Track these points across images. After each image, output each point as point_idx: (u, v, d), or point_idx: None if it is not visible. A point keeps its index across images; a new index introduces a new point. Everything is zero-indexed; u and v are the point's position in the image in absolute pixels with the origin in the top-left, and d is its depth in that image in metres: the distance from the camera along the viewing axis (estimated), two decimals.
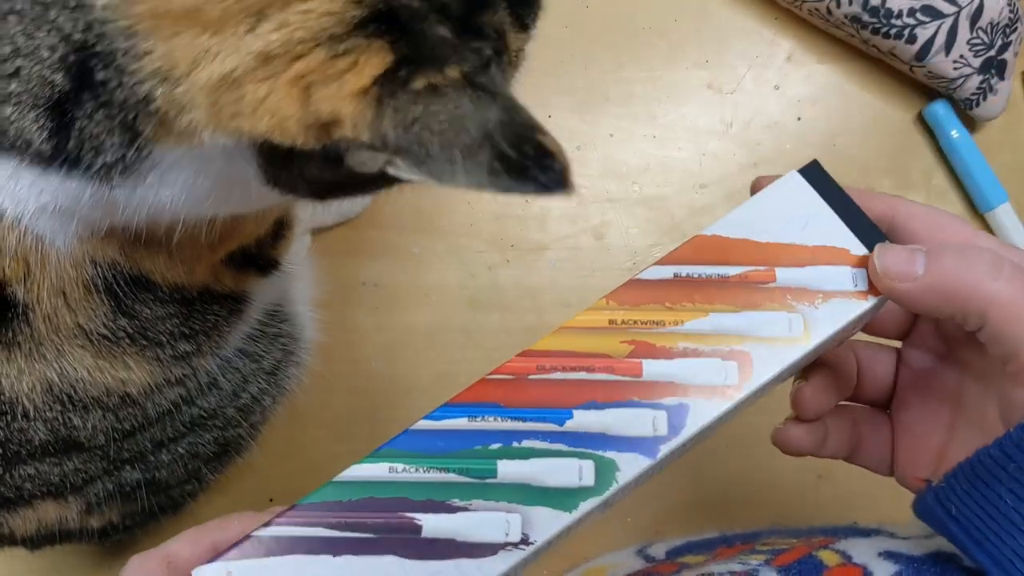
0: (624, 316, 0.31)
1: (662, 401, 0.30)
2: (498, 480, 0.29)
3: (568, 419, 0.30)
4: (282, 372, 0.51)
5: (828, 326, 0.31)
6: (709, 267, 0.32)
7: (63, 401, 0.37)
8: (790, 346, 0.31)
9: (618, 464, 0.29)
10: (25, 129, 0.27)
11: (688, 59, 0.68)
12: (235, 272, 0.42)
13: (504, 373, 0.31)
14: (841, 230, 0.32)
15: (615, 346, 0.31)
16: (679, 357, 0.31)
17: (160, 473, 0.45)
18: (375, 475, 0.30)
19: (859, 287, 0.32)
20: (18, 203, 0.31)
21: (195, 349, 0.41)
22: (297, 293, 0.53)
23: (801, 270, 0.32)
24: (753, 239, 0.32)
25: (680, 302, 0.31)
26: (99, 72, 0.26)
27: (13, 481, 0.40)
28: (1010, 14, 0.64)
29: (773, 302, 0.31)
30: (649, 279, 0.32)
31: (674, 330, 0.31)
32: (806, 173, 0.33)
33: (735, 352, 0.31)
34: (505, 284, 0.64)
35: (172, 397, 0.42)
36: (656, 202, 0.66)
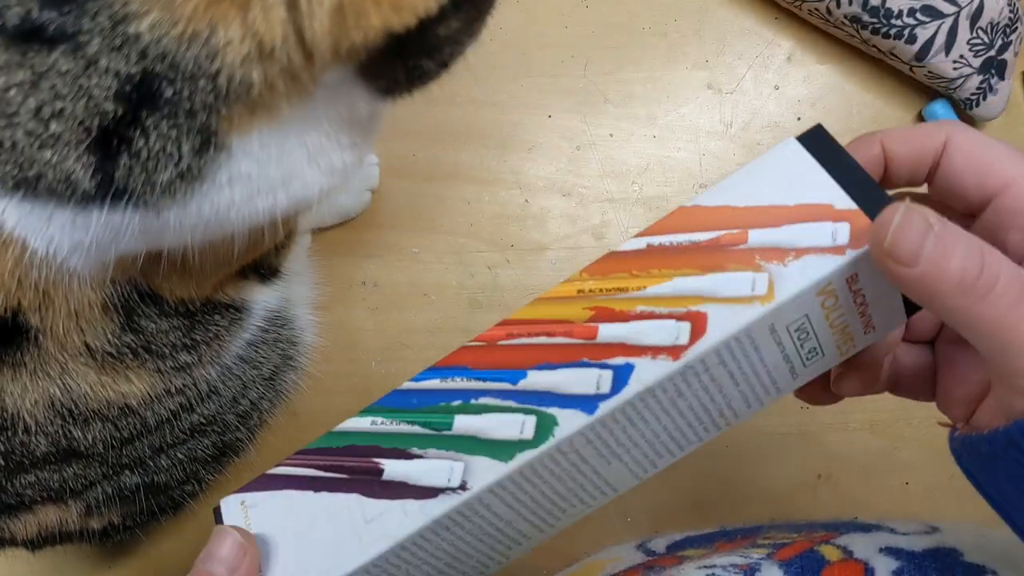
0: (592, 286, 0.32)
1: (609, 361, 0.30)
2: (452, 432, 0.31)
3: (522, 379, 0.31)
4: (281, 378, 0.51)
5: (796, 284, 0.29)
6: (682, 235, 0.31)
7: (64, 416, 0.37)
8: (748, 306, 0.29)
9: (558, 420, 0.30)
10: (66, 170, 0.27)
11: (688, 59, 0.68)
12: (236, 282, 0.42)
13: (480, 340, 0.33)
14: (828, 186, 0.30)
15: (577, 312, 0.31)
16: (634, 320, 0.30)
17: (159, 477, 0.45)
18: (360, 427, 0.33)
19: (838, 241, 0.29)
20: (51, 243, 0.30)
21: (196, 360, 0.41)
22: (296, 296, 0.53)
23: (776, 230, 0.30)
24: (732, 205, 0.31)
25: (646, 269, 0.31)
26: (166, 89, 0.26)
27: (14, 489, 0.40)
28: (1010, 14, 0.64)
29: (740, 263, 0.30)
30: (624, 251, 0.32)
31: (635, 295, 0.31)
32: (805, 140, 0.32)
33: (690, 313, 0.30)
34: (505, 284, 0.64)
35: (172, 406, 0.42)
36: (656, 202, 0.66)
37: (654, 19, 0.69)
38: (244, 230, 0.32)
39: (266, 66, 0.27)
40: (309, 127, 0.31)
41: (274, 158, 0.30)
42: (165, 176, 0.28)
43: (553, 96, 0.67)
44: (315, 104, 0.30)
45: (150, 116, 0.26)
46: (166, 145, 0.27)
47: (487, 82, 0.66)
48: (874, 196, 0.30)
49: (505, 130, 0.66)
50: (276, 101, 0.28)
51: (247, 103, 0.27)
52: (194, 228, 0.31)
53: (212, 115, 0.27)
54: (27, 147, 0.26)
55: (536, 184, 0.65)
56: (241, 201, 0.31)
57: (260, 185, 0.31)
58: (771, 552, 0.36)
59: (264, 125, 0.29)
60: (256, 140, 0.29)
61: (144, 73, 0.26)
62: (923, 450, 0.62)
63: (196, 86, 0.26)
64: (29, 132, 0.26)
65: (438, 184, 0.65)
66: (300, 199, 0.33)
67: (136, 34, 0.25)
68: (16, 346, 0.34)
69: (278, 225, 0.33)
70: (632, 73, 0.68)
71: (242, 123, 0.28)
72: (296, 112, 0.29)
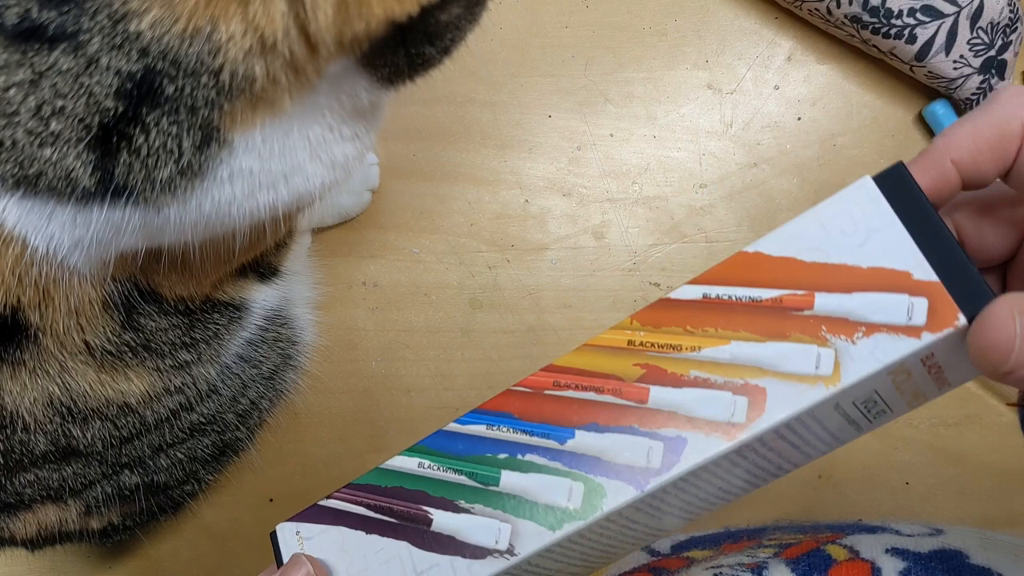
0: (643, 338, 0.30)
1: (661, 431, 0.28)
2: (500, 489, 0.31)
3: (570, 438, 0.30)
4: (280, 377, 0.51)
5: (864, 366, 0.26)
6: (742, 288, 0.29)
7: (63, 414, 0.37)
8: (812, 386, 0.27)
9: (606, 490, 0.29)
10: (66, 168, 0.27)
11: (688, 59, 0.69)
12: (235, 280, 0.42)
13: (525, 386, 0.31)
14: (908, 249, 0.27)
15: (627, 368, 0.30)
16: (688, 386, 0.28)
17: (159, 476, 0.45)
18: (408, 467, 0.33)
19: (914, 320, 0.26)
20: (51, 241, 0.30)
21: (195, 358, 0.41)
22: (296, 295, 0.53)
23: (846, 296, 0.27)
24: (799, 258, 0.28)
25: (702, 326, 0.29)
26: (168, 86, 0.26)
27: (13, 488, 0.40)
28: (1010, 14, 0.64)
29: (804, 332, 0.27)
30: (678, 299, 0.30)
31: (689, 356, 0.29)
32: (882, 180, 0.28)
33: (749, 386, 0.28)
34: (505, 284, 0.64)
35: (171, 405, 0.42)
36: (656, 202, 0.66)
37: (654, 19, 0.69)
38: (245, 226, 0.32)
39: (268, 60, 0.27)
40: (312, 120, 0.31)
41: (276, 153, 0.30)
42: (165, 173, 0.28)
43: (553, 96, 0.67)
44: (318, 96, 0.30)
45: (151, 113, 0.26)
46: (167, 142, 0.27)
47: (487, 82, 0.66)
48: (959, 269, 0.26)
49: (505, 130, 0.66)
50: (279, 95, 0.28)
51: (250, 98, 0.27)
52: (195, 225, 0.31)
53: (214, 111, 0.27)
54: (27, 145, 0.26)
55: (536, 184, 0.65)
56: (242, 197, 0.31)
57: (262, 180, 0.31)
58: (778, 551, 0.36)
59: (267, 119, 0.29)
60: (259, 135, 0.29)
61: (146, 71, 0.26)
62: (923, 450, 0.62)
63: (198, 82, 0.26)
64: (29, 131, 0.26)
65: (438, 184, 0.65)
66: (302, 194, 0.33)
67: (137, 32, 0.25)
68: (15, 344, 0.34)
69: (279, 221, 0.33)
70: (632, 73, 0.68)
71: (245, 118, 0.28)
72: (299, 105, 0.29)
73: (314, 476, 0.60)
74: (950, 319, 0.26)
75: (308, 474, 0.60)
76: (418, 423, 0.61)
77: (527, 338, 0.63)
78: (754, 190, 0.67)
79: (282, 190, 0.32)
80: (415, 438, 0.62)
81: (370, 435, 0.61)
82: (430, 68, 0.32)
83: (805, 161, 0.67)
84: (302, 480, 0.60)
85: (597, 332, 0.68)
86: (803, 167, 0.67)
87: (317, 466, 0.60)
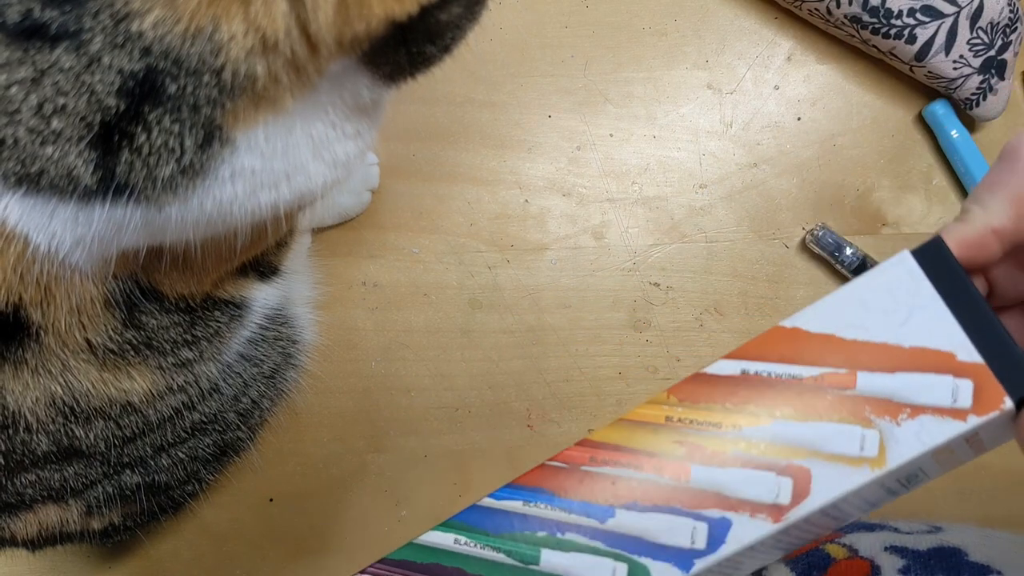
0: (682, 414, 0.29)
1: (705, 512, 0.28)
2: (540, 568, 0.30)
3: (611, 517, 0.29)
4: (281, 376, 0.51)
5: (910, 448, 0.26)
6: (782, 365, 0.28)
7: (65, 413, 0.37)
8: (858, 468, 0.27)
9: (651, 571, 0.28)
10: (68, 166, 0.27)
11: (688, 59, 0.69)
12: (236, 279, 0.42)
13: (561, 460, 0.30)
14: (951, 328, 0.27)
15: (667, 446, 0.29)
16: (730, 466, 0.28)
17: (160, 476, 0.45)
18: (443, 543, 0.31)
19: (959, 403, 0.26)
20: (53, 239, 0.30)
21: (197, 356, 0.41)
22: (297, 295, 0.53)
23: (889, 376, 0.27)
24: (838, 335, 0.28)
25: (742, 404, 0.28)
26: (170, 85, 0.26)
27: (15, 488, 0.40)
28: (1010, 14, 0.64)
29: (848, 413, 0.27)
30: (715, 374, 0.29)
31: (730, 435, 0.28)
32: (921, 255, 0.28)
33: (792, 467, 0.27)
34: (505, 284, 0.64)
35: (174, 404, 0.42)
36: (656, 202, 0.66)
37: (654, 19, 0.69)
38: (247, 225, 0.32)
39: (270, 59, 0.27)
40: (314, 118, 0.31)
41: (279, 151, 0.30)
42: (167, 171, 0.28)
43: (553, 96, 0.67)
44: (319, 94, 0.30)
45: (153, 111, 0.27)
46: (168, 140, 0.27)
47: (487, 82, 0.66)
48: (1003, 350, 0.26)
49: (505, 130, 0.66)
50: (281, 93, 0.28)
51: (252, 96, 0.28)
52: (196, 223, 0.31)
53: (217, 109, 0.27)
54: (29, 143, 0.27)
55: (536, 184, 0.65)
56: (244, 196, 0.31)
57: (264, 179, 0.31)
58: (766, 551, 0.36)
59: (269, 118, 0.29)
60: (261, 133, 0.29)
61: (147, 70, 0.26)
62: None
63: (200, 81, 0.26)
64: (31, 128, 0.26)
65: (438, 184, 0.65)
66: (304, 193, 0.33)
67: (139, 32, 0.25)
68: (17, 342, 0.34)
69: (281, 220, 0.33)
70: (632, 73, 0.68)
71: (247, 116, 0.28)
72: (301, 103, 0.30)
73: (314, 476, 0.60)
74: (996, 402, 0.26)
75: (308, 474, 0.60)
76: (418, 423, 0.61)
77: (527, 338, 0.63)
78: (754, 190, 0.67)
79: (284, 189, 0.32)
80: (415, 438, 0.62)
81: (370, 435, 0.61)
82: (431, 66, 0.32)
83: (805, 161, 0.67)
84: (302, 480, 0.60)
85: (597, 332, 0.68)
86: (803, 167, 0.67)
87: (317, 466, 0.60)
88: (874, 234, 0.67)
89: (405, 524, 0.60)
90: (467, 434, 0.61)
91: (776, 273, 0.65)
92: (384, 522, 0.60)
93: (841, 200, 0.67)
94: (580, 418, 0.62)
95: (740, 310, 0.65)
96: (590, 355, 0.63)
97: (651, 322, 0.64)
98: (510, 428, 0.62)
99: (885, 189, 0.68)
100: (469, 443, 0.61)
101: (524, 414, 0.62)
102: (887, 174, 0.68)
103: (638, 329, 0.64)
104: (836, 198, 0.67)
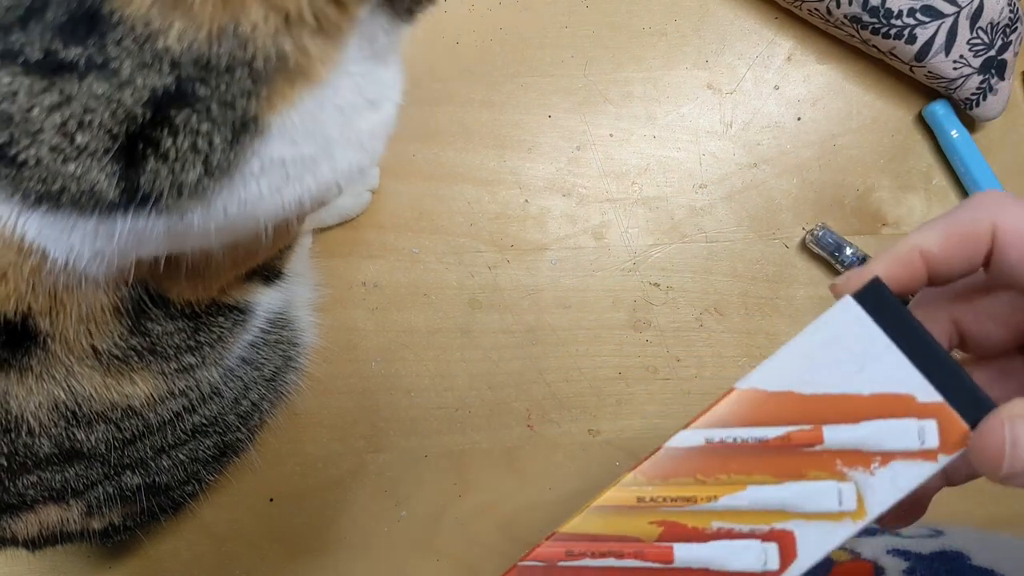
0: (653, 492, 0.28)
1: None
2: None
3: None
4: (281, 378, 0.51)
5: (888, 496, 0.27)
6: (744, 429, 0.28)
7: (68, 418, 0.37)
8: (840, 523, 0.27)
9: None
10: (90, 181, 0.27)
11: (688, 59, 0.69)
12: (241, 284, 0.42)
13: (535, 559, 0.29)
14: (907, 371, 0.27)
15: (644, 528, 0.28)
16: (713, 539, 0.28)
17: (161, 477, 0.45)
18: None
19: (927, 444, 0.27)
20: (71, 252, 0.30)
21: (200, 361, 0.41)
22: (297, 297, 0.53)
23: (854, 427, 0.27)
24: (797, 391, 0.28)
25: (714, 474, 0.28)
26: (200, 88, 0.26)
27: (16, 489, 0.40)
28: (1010, 14, 0.64)
29: (820, 469, 0.27)
30: (679, 447, 0.29)
31: (707, 508, 0.28)
32: (862, 298, 0.28)
33: (775, 532, 0.27)
34: (505, 284, 0.64)
35: (175, 407, 0.42)
36: (656, 202, 0.66)
37: (654, 19, 0.69)
38: (269, 227, 0.32)
39: (294, 33, 0.26)
40: (340, 84, 0.30)
41: (310, 132, 0.30)
42: (193, 175, 0.27)
43: (553, 96, 0.67)
44: (348, 52, 0.30)
45: (179, 114, 0.26)
46: (196, 141, 0.27)
47: (487, 82, 0.66)
48: (960, 386, 0.27)
49: (505, 130, 0.66)
50: (312, 64, 0.28)
51: (286, 76, 0.27)
52: (218, 228, 0.30)
53: (252, 100, 0.27)
54: (51, 162, 0.26)
55: (536, 184, 0.65)
56: (269, 193, 0.30)
57: (290, 172, 0.30)
58: None
59: (304, 93, 0.28)
60: (296, 115, 0.29)
61: (179, 80, 0.26)
62: None
63: (233, 78, 0.26)
64: (53, 147, 0.26)
65: (438, 184, 0.65)
66: (328, 183, 0.32)
67: (165, 48, 0.25)
68: (24, 350, 0.34)
69: (306, 212, 0.32)
70: (632, 73, 0.68)
71: (284, 96, 0.28)
72: (332, 71, 0.29)
73: (313, 476, 0.60)
74: (962, 438, 0.26)
75: (307, 474, 0.60)
76: (418, 423, 0.61)
77: (527, 338, 0.63)
78: (754, 190, 0.67)
79: (309, 181, 0.31)
80: (415, 438, 0.62)
81: (370, 435, 0.61)
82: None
83: (805, 161, 0.67)
84: (302, 480, 0.60)
85: (597, 332, 0.68)
86: (803, 167, 0.67)
87: (316, 466, 0.60)
88: (874, 234, 0.67)
89: (405, 524, 0.60)
90: (467, 434, 0.61)
91: (776, 273, 0.65)
92: (384, 522, 0.60)
93: (841, 200, 0.67)
94: (580, 418, 0.62)
95: (740, 310, 0.65)
96: (590, 355, 0.63)
97: (651, 322, 0.64)
98: (510, 428, 0.62)
99: (885, 189, 0.68)
100: (469, 443, 0.61)
101: (524, 414, 0.62)
102: (887, 174, 0.68)
103: (638, 329, 0.64)
104: (836, 198, 0.67)
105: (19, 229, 0.29)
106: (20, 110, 0.25)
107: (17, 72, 0.25)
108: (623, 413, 0.62)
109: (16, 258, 0.30)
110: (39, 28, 0.24)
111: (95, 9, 0.24)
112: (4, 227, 0.29)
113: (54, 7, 0.24)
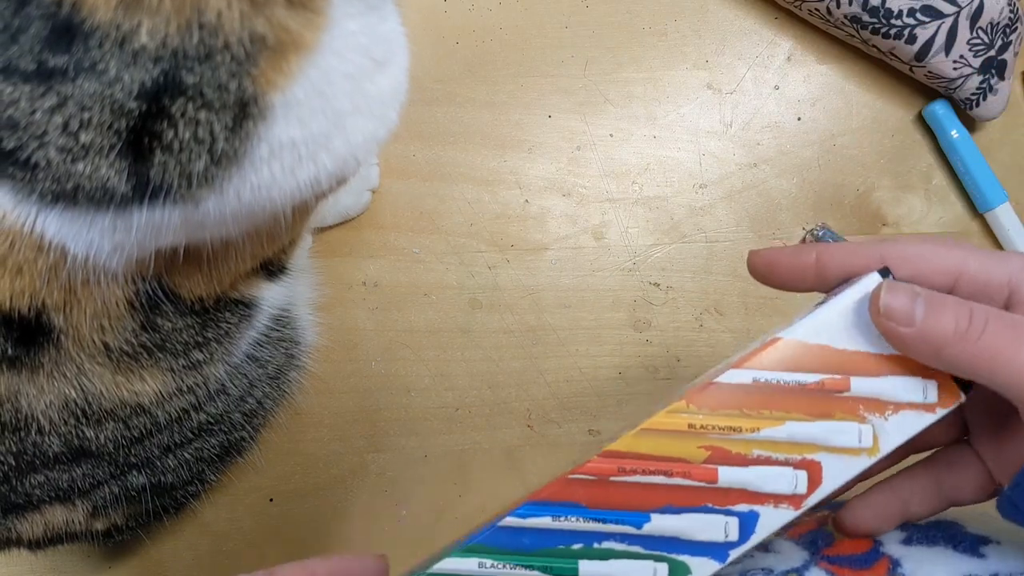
0: (703, 421, 0.32)
1: (734, 508, 0.31)
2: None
3: (646, 522, 0.31)
4: (284, 376, 0.51)
5: (896, 438, 0.32)
6: (787, 373, 0.32)
7: (78, 416, 0.37)
8: (857, 457, 0.32)
9: (690, 567, 0.31)
10: (101, 178, 0.27)
11: (688, 59, 0.69)
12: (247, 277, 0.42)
13: (587, 473, 0.32)
14: None
15: (693, 451, 0.32)
16: (753, 464, 0.32)
17: (166, 477, 0.45)
18: (466, 569, 0.32)
19: (928, 399, 0.32)
20: (91, 246, 0.30)
21: (207, 357, 0.41)
22: (299, 295, 0.53)
23: (875, 380, 0.32)
24: (832, 345, 0.32)
25: (758, 409, 0.32)
26: (187, 77, 0.26)
27: (23, 489, 0.40)
28: (1010, 14, 0.64)
29: (846, 412, 0.32)
30: (728, 383, 0.32)
31: (750, 437, 0.32)
32: (885, 275, 0.33)
33: (806, 461, 0.32)
34: (505, 284, 0.64)
35: (182, 405, 0.42)
36: (656, 202, 0.66)
37: (654, 19, 0.69)
38: (287, 210, 0.32)
39: (266, 12, 0.27)
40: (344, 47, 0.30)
41: (318, 108, 0.30)
42: (200, 164, 0.28)
43: (553, 96, 0.67)
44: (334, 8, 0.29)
45: (174, 103, 0.27)
46: (197, 131, 0.27)
47: (487, 82, 0.66)
48: None
49: (505, 130, 0.66)
50: (299, 33, 0.28)
51: (272, 52, 0.27)
52: (235, 215, 0.30)
53: (244, 80, 0.27)
54: (61, 162, 0.27)
55: (536, 184, 0.65)
56: (283, 176, 0.30)
57: (302, 152, 0.30)
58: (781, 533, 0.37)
59: (303, 63, 0.28)
60: (300, 90, 0.29)
61: (163, 72, 0.26)
62: None
63: (213, 63, 0.26)
64: (61, 148, 0.27)
65: (438, 184, 0.65)
66: (344, 159, 0.32)
67: (142, 46, 0.25)
68: (37, 347, 0.34)
69: (325, 191, 0.32)
70: (632, 73, 0.68)
71: (280, 70, 0.28)
72: (326, 35, 0.29)
73: (314, 476, 0.60)
74: (955, 396, 0.32)
75: (308, 474, 0.60)
76: (418, 423, 0.61)
77: (527, 338, 0.63)
78: (754, 190, 0.67)
79: (324, 159, 0.31)
80: (415, 438, 0.62)
81: (370, 435, 0.61)
82: None
83: (805, 161, 0.67)
84: (302, 480, 0.60)
85: (597, 332, 0.68)
86: (803, 167, 0.67)
87: (317, 466, 0.60)
88: (874, 234, 0.67)
89: (405, 524, 0.60)
90: (467, 434, 0.61)
91: None
92: (384, 522, 0.60)
93: (841, 200, 0.67)
94: (580, 418, 0.62)
95: (740, 310, 0.65)
96: (590, 355, 0.63)
97: (651, 322, 0.64)
98: (510, 428, 0.62)
99: (885, 189, 0.68)
100: (469, 443, 0.61)
101: (524, 414, 0.62)
102: (887, 174, 0.68)
103: (638, 329, 0.64)
104: (836, 198, 0.67)
105: (38, 227, 0.29)
106: (24, 115, 0.26)
107: (17, 82, 0.26)
108: (623, 413, 0.62)
109: (33, 254, 0.30)
110: (29, 42, 0.25)
111: (69, 21, 0.25)
112: (23, 225, 0.29)
113: (36, 23, 0.25)
